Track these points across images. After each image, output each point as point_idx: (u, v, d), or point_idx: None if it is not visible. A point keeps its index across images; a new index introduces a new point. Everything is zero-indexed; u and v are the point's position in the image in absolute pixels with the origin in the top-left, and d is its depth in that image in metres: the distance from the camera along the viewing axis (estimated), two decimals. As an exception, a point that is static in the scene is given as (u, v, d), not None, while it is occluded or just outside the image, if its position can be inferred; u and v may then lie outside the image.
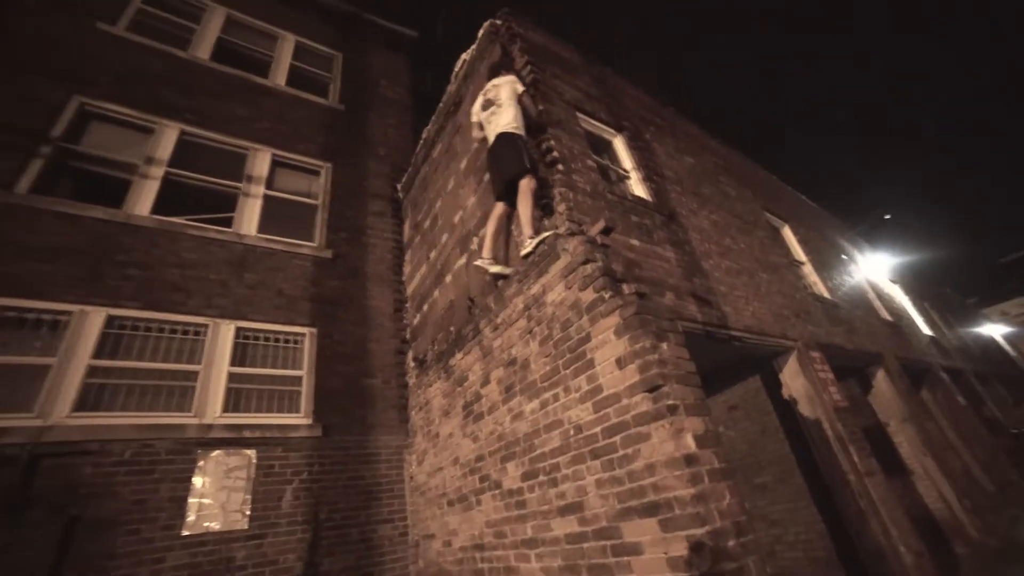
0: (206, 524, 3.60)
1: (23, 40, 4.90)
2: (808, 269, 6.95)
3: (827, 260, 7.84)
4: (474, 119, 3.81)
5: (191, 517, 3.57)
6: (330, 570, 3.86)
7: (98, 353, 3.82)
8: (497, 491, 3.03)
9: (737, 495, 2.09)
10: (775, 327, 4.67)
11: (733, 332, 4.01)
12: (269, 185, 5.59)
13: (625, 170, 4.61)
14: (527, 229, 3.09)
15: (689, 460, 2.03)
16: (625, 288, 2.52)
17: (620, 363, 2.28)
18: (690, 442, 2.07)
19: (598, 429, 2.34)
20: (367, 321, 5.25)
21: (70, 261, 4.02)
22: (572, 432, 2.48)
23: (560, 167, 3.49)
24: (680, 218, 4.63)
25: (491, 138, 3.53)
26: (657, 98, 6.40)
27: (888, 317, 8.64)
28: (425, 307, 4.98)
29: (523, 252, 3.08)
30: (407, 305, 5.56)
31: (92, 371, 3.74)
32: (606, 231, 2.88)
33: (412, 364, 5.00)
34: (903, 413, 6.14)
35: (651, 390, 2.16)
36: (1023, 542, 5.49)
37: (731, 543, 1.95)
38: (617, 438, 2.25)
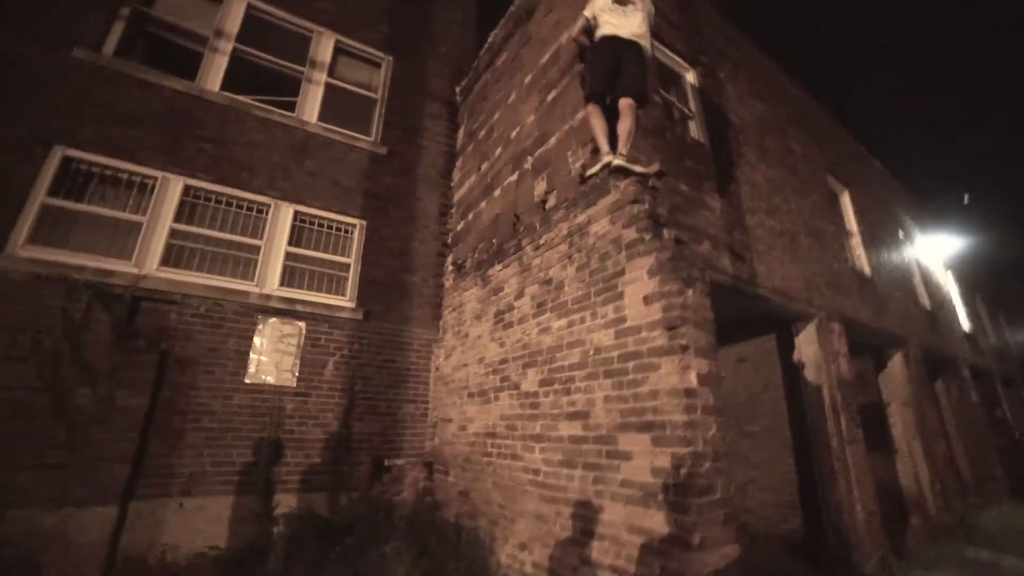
0: (263, 376, 4.24)
1: None
2: (856, 241, 6.77)
3: (880, 235, 7.56)
4: (589, 11, 3.49)
5: (252, 369, 4.20)
6: (360, 432, 4.53)
7: (178, 217, 4.26)
8: (515, 391, 3.48)
9: (722, 429, 2.41)
10: (803, 293, 4.75)
11: (760, 291, 4.14)
12: (331, 73, 5.64)
13: (690, 111, 4.47)
14: (605, 144, 3.06)
15: (689, 393, 2.33)
16: (665, 233, 2.67)
17: (647, 300, 2.52)
18: (693, 378, 2.36)
19: (615, 353, 2.64)
20: (413, 221, 5.55)
21: (153, 128, 4.32)
22: (592, 352, 2.80)
23: (626, 101, 3.45)
24: (735, 169, 4.56)
25: (622, 35, 3.29)
26: (741, 30, 5.90)
27: (927, 304, 8.46)
28: (470, 216, 5.20)
29: (589, 171, 3.14)
30: (452, 211, 5.79)
31: (174, 233, 4.20)
32: (659, 175, 2.95)
33: (451, 267, 5.36)
34: (907, 397, 6.31)
35: (669, 328, 2.41)
36: (975, 525, 5.89)
37: (707, 465, 2.30)
38: (631, 364, 2.55)
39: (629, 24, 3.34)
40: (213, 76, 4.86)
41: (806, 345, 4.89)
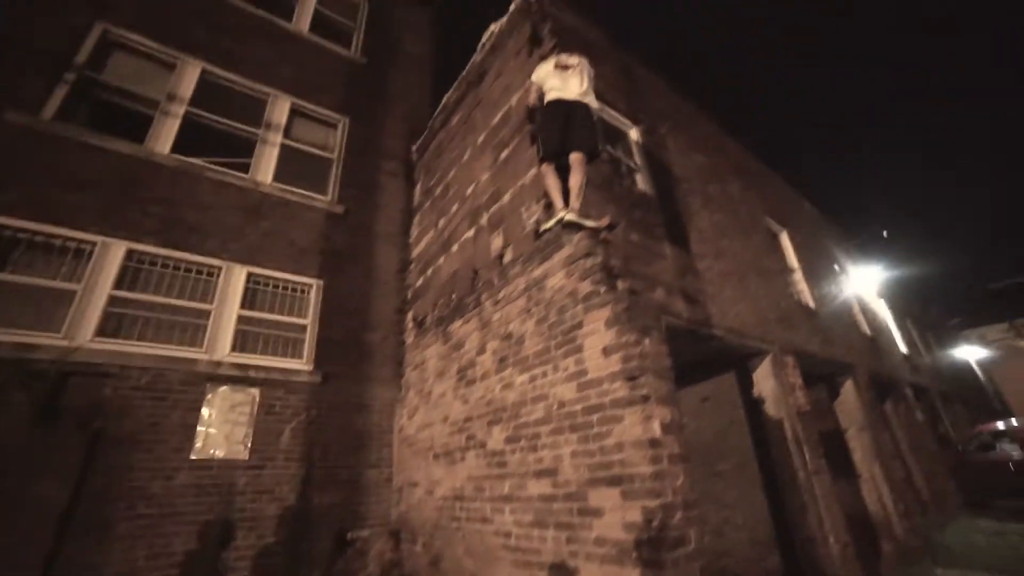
0: (212, 451, 3.94)
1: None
2: (798, 276, 7.22)
3: (818, 269, 8.10)
4: (535, 77, 3.70)
5: (199, 443, 3.90)
6: (320, 504, 4.23)
7: (119, 284, 4.04)
8: (481, 450, 3.38)
9: (690, 477, 2.42)
10: (756, 330, 4.96)
11: (715, 331, 4.29)
12: (287, 134, 5.68)
13: (635, 164, 4.76)
14: (559, 201, 3.15)
15: (653, 443, 2.34)
16: (619, 284, 2.76)
17: (606, 352, 2.56)
18: (656, 428, 2.38)
19: (579, 407, 2.64)
20: (372, 278, 5.49)
21: (95, 193, 4.17)
22: (556, 406, 2.78)
23: (574, 158, 3.64)
24: (682, 217, 4.82)
25: (567, 96, 3.46)
26: (678, 91, 6.45)
27: (868, 331, 9.01)
28: (429, 271, 5.21)
29: (543, 227, 3.22)
30: (411, 267, 5.78)
31: (113, 300, 3.97)
32: (610, 228, 3.08)
33: (411, 324, 5.28)
34: (862, 422, 6.57)
35: (629, 379, 2.44)
36: (939, 544, 6.08)
37: (678, 515, 2.28)
38: (594, 417, 2.55)
39: (572, 87, 3.56)
40: (164, 139, 4.79)
41: (763, 380, 5.05)
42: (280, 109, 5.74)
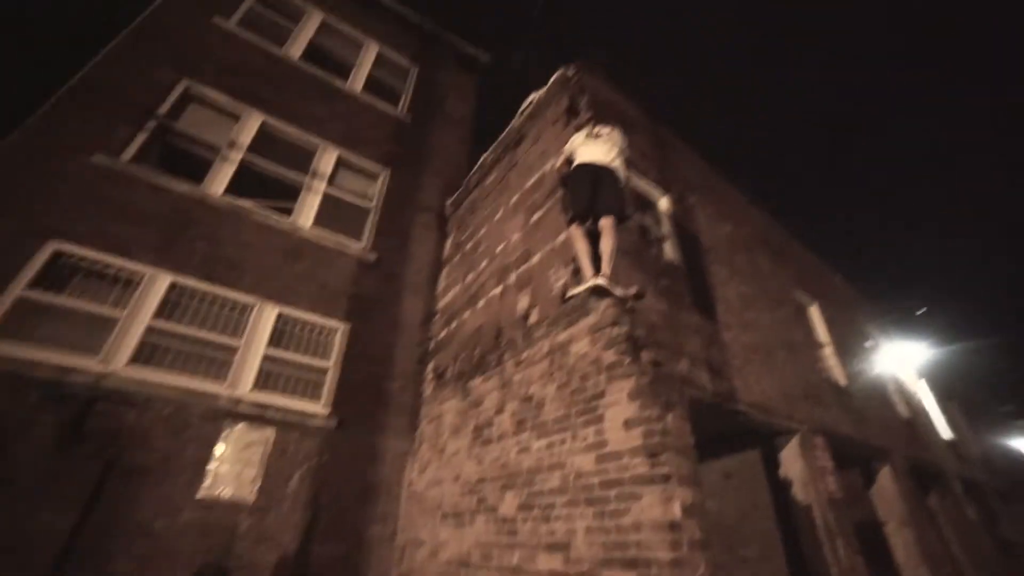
0: (220, 490, 3.91)
1: (150, 24, 5.53)
2: (828, 352, 6.97)
3: (850, 344, 7.82)
4: (568, 146, 3.91)
5: (208, 481, 3.88)
6: (320, 555, 4.09)
7: (158, 313, 4.23)
8: (492, 515, 3.25)
9: (712, 566, 2.26)
10: (782, 407, 4.76)
11: (740, 406, 4.14)
12: (330, 182, 6.03)
13: (664, 233, 4.83)
14: (588, 266, 3.20)
15: (673, 527, 2.22)
16: (644, 355, 2.73)
17: (627, 425, 2.50)
18: (677, 510, 2.26)
19: (596, 480, 2.55)
20: (397, 327, 5.57)
21: (153, 227, 4.49)
22: (572, 477, 2.69)
23: (603, 225, 3.73)
24: (709, 287, 4.81)
25: (598, 159, 3.61)
26: (708, 160, 6.62)
27: (905, 413, 8.51)
28: (453, 324, 5.26)
29: (570, 292, 3.23)
30: (436, 318, 5.85)
31: (150, 330, 4.14)
32: (637, 297, 3.10)
33: (431, 376, 5.27)
34: (904, 515, 6.06)
35: (651, 455, 2.37)
36: None
37: (699, 612, 2.12)
38: (612, 492, 2.45)
39: (602, 153, 3.70)
40: (219, 181, 5.16)
41: (790, 462, 4.77)
42: (327, 159, 6.14)
